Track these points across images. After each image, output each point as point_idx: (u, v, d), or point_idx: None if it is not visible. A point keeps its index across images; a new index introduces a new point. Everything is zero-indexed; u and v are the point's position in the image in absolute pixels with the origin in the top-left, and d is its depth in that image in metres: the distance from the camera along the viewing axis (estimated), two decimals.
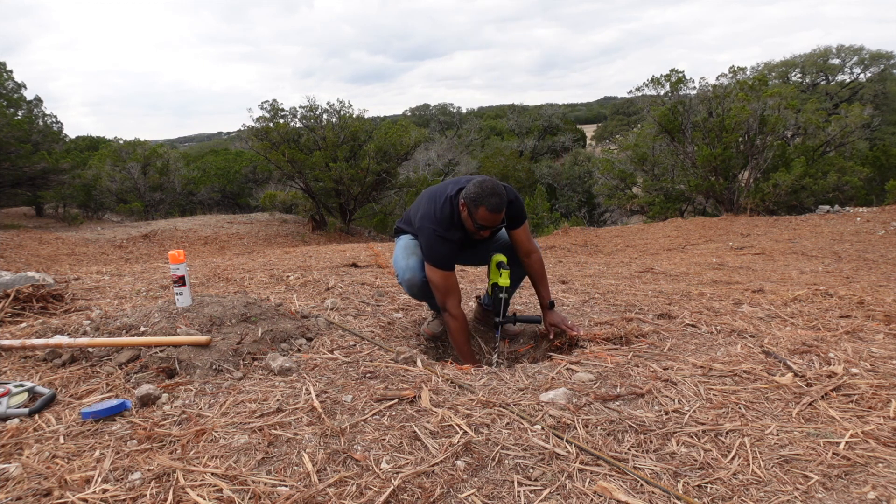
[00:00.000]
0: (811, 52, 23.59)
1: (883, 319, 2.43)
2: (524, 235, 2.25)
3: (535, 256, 2.26)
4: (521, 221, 2.23)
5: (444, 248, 2.11)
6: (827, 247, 6.62)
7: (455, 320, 2.15)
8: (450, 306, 2.15)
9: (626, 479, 1.21)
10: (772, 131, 11.92)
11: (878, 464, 1.24)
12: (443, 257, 2.12)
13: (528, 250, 2.25)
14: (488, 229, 2.08)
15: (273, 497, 1.15)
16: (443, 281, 2.13)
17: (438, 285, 2.13)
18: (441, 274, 2.12)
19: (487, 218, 2.02)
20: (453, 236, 2.12)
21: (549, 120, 31.42)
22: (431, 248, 2.12)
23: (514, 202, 2.17)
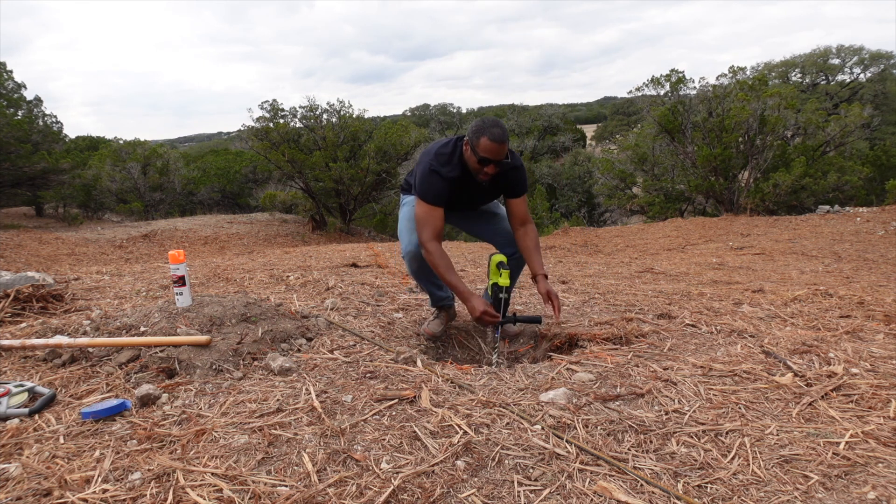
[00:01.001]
0: (811, 52, 23.60)
1: (883, 319, 2.43)
2: (522, 207, 2.22)
3: (530, 227, 2.23)
4: (521, 191, 2.21)
5: (436, 182, 2.04)
6: (827, 247, 6.62)
7: (430, 255, 2.06)
8: (424, 238, 2.06)
9: (626, 479, 1.21)
10: (772, 131, 11.92)
11: (878, 464, 1.24)
12: (432, 190, 2.05)
13: (523, 220, 2.22)
14: (491, 164, 1.99)
15: (273, 497, 1.15)
16: (426, 213, 2.06)
17: (420, 217, 2.07)
18: (426, 207, 2.06)
19: (489, 148, 1.96)
20: (449, 173, 2.05)
21: (549, 120, 31.42)
22: (423, 181, 2.06)
23: (519, 170, 2.16)
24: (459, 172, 2.08)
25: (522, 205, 2.23)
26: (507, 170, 2.14)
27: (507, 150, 2.05)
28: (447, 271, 2.05)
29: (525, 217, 2.23)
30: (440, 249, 2.07)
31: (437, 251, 2.06)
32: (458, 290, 2.04)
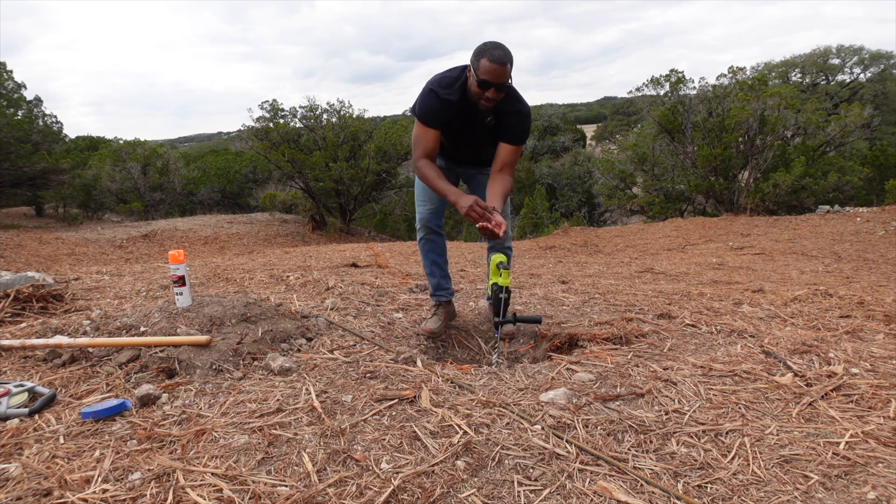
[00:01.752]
0: (811, 52, 23.60)
1: (883, 319, 2.43)
2: (511, 155, 2.13)
3: (507, 178, 2.13)
4: (518, 139, 2.13)
5: (432, 102, 2.04)
6: (827, 247, 6.62)
7: (420, 170, 2.11)
8: (416, 156, 2.12)
9: (626, 479, 1.21)
10: (772, 131, 11.92)
11: (878, 464, 1.24)
12: (427, 110, 2.06)
13: (503, 166, 2.13)
14: (491, 87, 1.93)
15: (273, 497, 1.15)
16: (419, 133, 2.09)
17: (414, 138, 2.12)
18: (420, 128, 2.09)
19: (489, 69, 1.90)
20: (447, 95, 2.04)
21: (549, 120, 31.42)
22: (420, 101, 2.08)
23: (523, 116, 2.10)
24: (458, 97, 2.05)
25: (513, 154, 2.14)
26: (513, 111, 2.09)
27: (514, 89, 2.05)
28: (437, 180, 2.04)
29: (507, 165, 2.14)
30: (430, 164, 2.09)
31: (427, 165, 2.09)
32: (448, 194, 2.01)
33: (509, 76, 1.97)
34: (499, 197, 2.07)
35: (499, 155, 2.14)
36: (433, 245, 2.44)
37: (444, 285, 2.51)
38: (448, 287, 2.53)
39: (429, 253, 2.46)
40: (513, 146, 2.13)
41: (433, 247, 2.44)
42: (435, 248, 2.46)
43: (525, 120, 2.12)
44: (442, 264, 2.50)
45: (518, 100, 2.10)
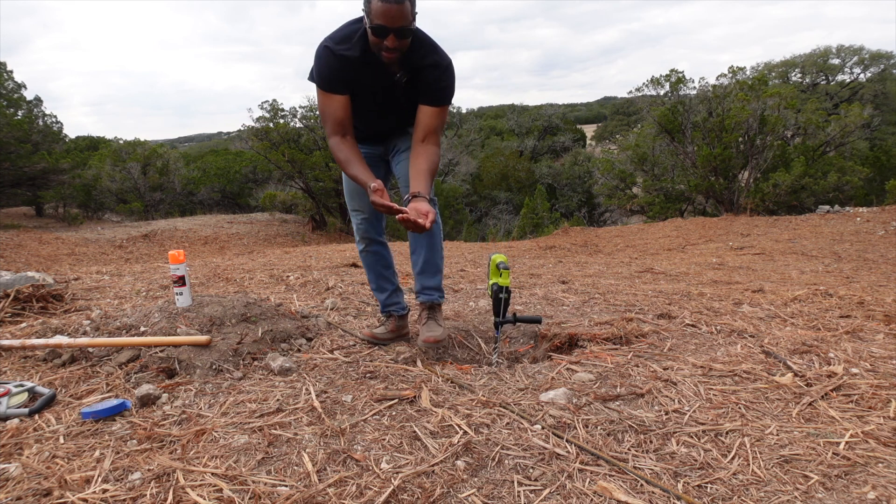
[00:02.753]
0: (811, 52, 23.62)
1: (883, 319, 2.43)
2: (433, 120, 1.80)
3: (432, 148, 1.81)
4: (439, 100, 1.80)
5: (330, 61, 1.73)
6: (827, 247, 6.62)
7: (332, 152, 1.81)
8: (327, 133, 1.82)
9: (626, 479, 1.21)
10: (772, 131, 11.93)
11: (878, 464, 1.24)
12: (326, 72, 1.74)
13: (426, 135, 1.81)
14: (389, 34, 1.63)
15: (273, 497, 1.15)
16: (325, 103, 1.78)
17: (321, 111, 1.82)
18: (324, 96, 1.77)
19: (382, 11, 1.60)
20: (346, 51, 1.72)
21: (549, 120, 31.43)
22: (317, 63, 1.76)
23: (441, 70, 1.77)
24: (360, 52, 1.73)
25: (434, 117, 1.80)
26: (428, 64, 1.76)
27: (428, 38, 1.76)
28: (348, 164, 1.74)
29: (431, 132, 1.80)
30: (344, 142, 1.78)
31: (340, 145, 1.78)
32: (360, 181, 1.72)
33: (411, 18, 1.66)
34: (424, 175, 1.74)
35: (419, 121, 1.82)
36: (377, 258, 2.13)
37: (396, 299, 2.21)
38: (400, 301, 2.22)
39: (373, 266, 2.15)
40: (434, 108, 1.80)
41: (377, 259, 2.13)
42: (379, 261, 2.14)
43: (444, 74, 1.77)
44: (390, 276, 2.19)
45: (434, 50, 1.78)
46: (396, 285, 2.22)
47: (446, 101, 1.84)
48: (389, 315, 2.20)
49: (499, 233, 15.32)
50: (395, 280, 2.22)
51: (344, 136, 1.80)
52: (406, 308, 2.24)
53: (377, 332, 2.16)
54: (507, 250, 8.12)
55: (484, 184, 22.72)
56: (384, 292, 2.19)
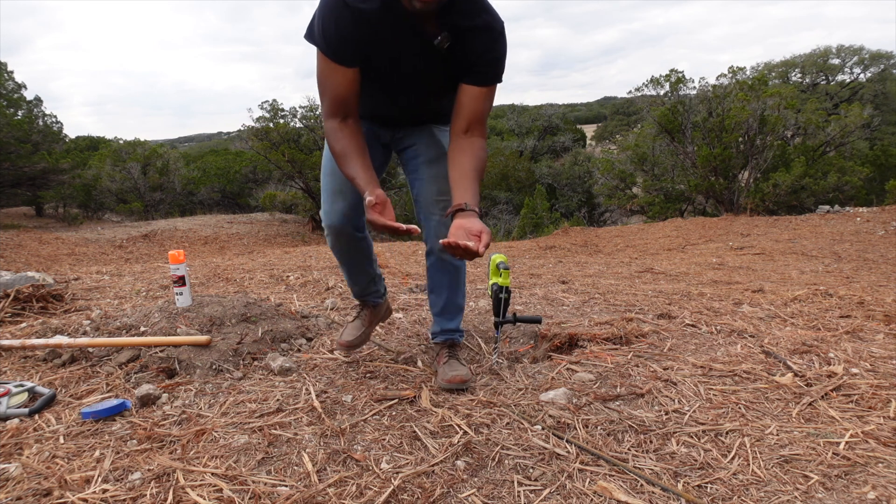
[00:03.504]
0: (811, 52, 23.62)
1: (883, 319, 2.43)
2: (480, 104, 1.39)
3: (478, 142, 1.42)
4: (488, 76, 1.38)
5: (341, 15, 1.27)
6: (827, 247, 6.62)
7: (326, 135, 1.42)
8: (323, 112, 1.40)
9: (626, 479, 1.21)
10: (772, 131, 11.93)
11: (878, 464, 1.24)
12: (335, 32, 1.29)
13: (470, 125, 1.40)
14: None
15: (273, 497, 1.15)
16: (327, 74, 1.34)
17: (319, 82, 1.37)
18: (327, 64, 1.33)
19: None
20: (361, 3, 1.27)
21: (549, 120, 31.42)
22: (322, 18, 1.29)
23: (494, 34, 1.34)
24: (381, 4, 1.28)
25: (482, 101, 1.39)
26: (479, 27, 1.32)
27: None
28: (345, 159, 1.36)
29: (477, 121, 1.40)
30: (343, 127, 1.38)
31: (336, 131, 1.38)
32: (356, 184, 1.36)
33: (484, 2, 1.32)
34: (470, 180, 1.36)
35: (461, 106, 1.40)
36: (355, 247, 1.67)
37: (375, 287, 1.88)
38: (378, 288, 1.88)
39: (353, 255, 1.71)
40: (483, 88, 1.38)
41: (356, 248, 1.68)
42: (360, 250, 1.70)
43: (497, 42, 1.35)
44: (368, 268, 1.79)
45: (486, 9, 1.34)
46: (375, 273, 1.85)
47: (498, 79, 1.40)
48: (365, 304, 1.86)
49: (499, 233, 15.32)
50: (373, 268, 1.83)
51: (345, 119, 1.38)
52: (383, 294, 1.91)
53: (348, 337, 1.79)
54: (507, 250, 8.13)
55: (484, 184, 22.71)
56: (360, 283, 1.80)
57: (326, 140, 1.43)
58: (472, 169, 1.38)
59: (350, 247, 1.67)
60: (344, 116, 1.39)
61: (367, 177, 1.34)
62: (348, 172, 1.38)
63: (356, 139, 1.39)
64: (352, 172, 1.36)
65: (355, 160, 1.36)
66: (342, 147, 1.38)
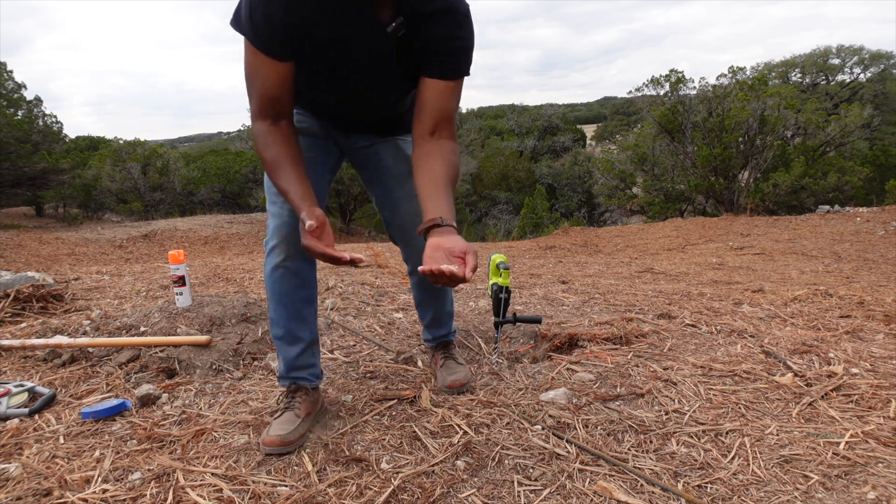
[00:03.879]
0: (811, 52, 23.64)
1: (883, 319, 2.43)
2: (447, 102, 1.19)
3: (449, 145, 1.20)
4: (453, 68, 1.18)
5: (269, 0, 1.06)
6: (827, 247, 6.62)
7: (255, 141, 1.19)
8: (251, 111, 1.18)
9: (626, 479, 1.21)
10: (772, 131, 11.93)
11: (878, 464, 1.24)
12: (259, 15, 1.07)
13: (438, 125, 1.19)
14: None
15: (273, 497, 1.15)
16: (256, 66, 1.12)
17: (245, 71, 1.15)
18: (254, 55, 1.12)
19: None
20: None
21: (549, 120, 31.43)
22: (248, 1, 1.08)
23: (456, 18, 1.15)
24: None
25: (448, 97, 1.19)
26: (438, 10, 1.13)
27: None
28: (277, 169, 1.15)
29: (443, 120, 1.20)
30: (272, 132, 1.17)
31: (265, 134, 1.17)
32: (290, 200, 1.14)
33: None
34: (443, 189, 1.14)
35: (424, 104, 1.19)
36: (297, 283, 1.35)
37: (311, 360, 1.44)
38: (316, 363, 1.46)
39: (288, 295, 1.35)
40: (447, 81, 1.18)
41: (296, 285, 1.35)
42: (299, 289, 1.36)
43: (462, 27, 1.16)
44: (309, 318, 1.41)
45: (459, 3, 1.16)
46: (315, 335, 1.44)
47: (465, 70, 1.19)
48: (298, 388, 1.41)
49: (499, 233, 15.33)
50: (314, 325, 1.43)
51: (276, 121, 1.17)
52: (321, 375, 1.49)
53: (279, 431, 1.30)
54: (507, 250, 8.13)
55: (484, 184, 22.73)
56: (295, 344, 1.39)
57: (255, 146, 1.20)
58: (443, 176, 1.17)
59: (294, 268, 1.33)
60: (275, 118, 1.18)
61: (302, 191, 1.13)
62: (280, 185, 1.15)
63: (289, 146, 1.18)
64: (284, 185, 1.14)
65: (288, 171, 1.15)
66: (273, 155, 1.16)
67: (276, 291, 1.36)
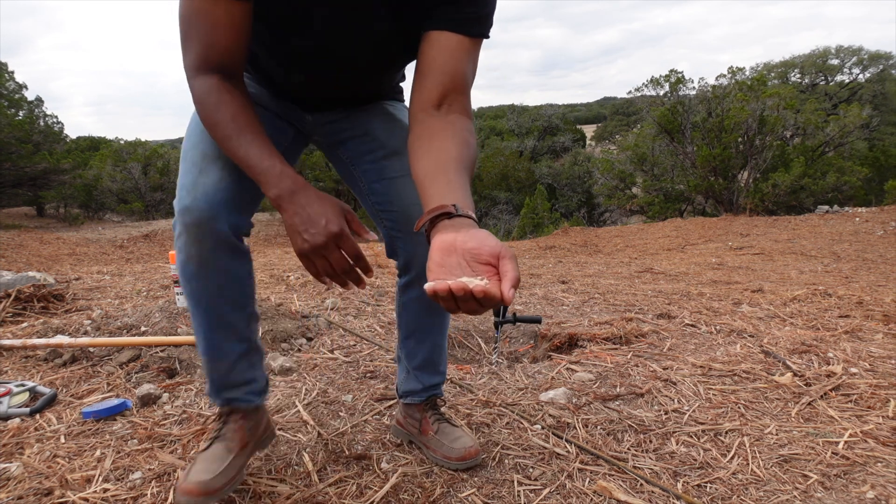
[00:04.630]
0: (810, 53, 23.65)
1: (882, 319, 2.44)
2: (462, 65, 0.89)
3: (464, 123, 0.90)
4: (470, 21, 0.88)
5: None
6: (826, 247, 6.62)
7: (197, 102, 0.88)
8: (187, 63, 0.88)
9: (625, 479, 1.21)
10: (771, 131, 11.95)
11: (876, 463, 1.25)
12: None
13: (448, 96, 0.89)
14: None
15: (273, 496, 1.15)
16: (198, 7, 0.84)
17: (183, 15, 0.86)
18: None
19: None
20: None
21: (549, 120, 31.43)
22: None
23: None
24: None
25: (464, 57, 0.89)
26: None
27: None
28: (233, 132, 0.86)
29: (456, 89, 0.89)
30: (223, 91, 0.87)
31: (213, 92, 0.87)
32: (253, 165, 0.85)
33: None
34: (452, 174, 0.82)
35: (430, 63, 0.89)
36: (225, 279, 0.97)
37: (250, 374, 1.09)
38: (257, 377, 1.11)
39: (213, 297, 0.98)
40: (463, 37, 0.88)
41: (224, 283, 0.98)
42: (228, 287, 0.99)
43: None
44: (237, 323, 1.03)
45: None
46: (251, 344, 1.08)
47: (485, 28, 0.89)
48: (232, 409, 1.09)
49: (499, 233, 15.33)
50: (247, 332, 1.06)
51: (230, 76, 0.88)
52: (265, 389, 1.14)
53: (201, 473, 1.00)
54: None
55: (484, 184, 22.74)
56: (222, 359, 1.04)
57: (199, 107, 0.87)
58: (456, 158, 0.83)
59: (218, 263, 0.93)
60: (224, 74, 0.86)
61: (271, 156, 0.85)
62: (240, 153, 0.84)
63: (248, 107, 0.87)
64: (250, 154, 0.83)
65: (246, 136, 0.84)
66: (229, 115, 0.85)
67: (192, 292, 0.97)
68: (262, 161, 0.84)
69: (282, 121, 1.08)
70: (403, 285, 1.20)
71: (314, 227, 0.83)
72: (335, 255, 0.85)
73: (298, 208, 0.84)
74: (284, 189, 0.85)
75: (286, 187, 0.85)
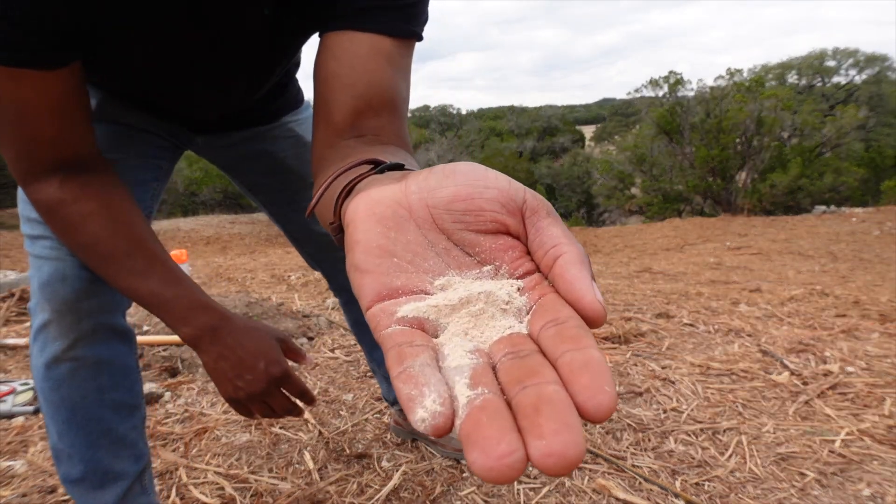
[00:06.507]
0: (807, 55, 23.71)
1: (878, 318, 2.46)
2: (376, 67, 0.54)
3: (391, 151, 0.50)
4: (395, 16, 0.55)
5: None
6: (823, 247, 6.65)
7: (54, 215, 0.59)
8: (24, 173, 0.58)
9: (624, 477, 1.22)
10: (768, 132, 11.99)
11: (873, 461, 1.26)
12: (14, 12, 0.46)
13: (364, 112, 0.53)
14: None
15: (274, 495, 1.16)
16: (11, 92, 0.51)
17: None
18: (4, 76, 0.49)
19: None
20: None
21: (549, 121, 31.48)
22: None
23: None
24: None
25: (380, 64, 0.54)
26: None
27: None
28: (105, 252, 0.60)
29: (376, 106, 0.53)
30: (72, 198, 0.58)
31: (56, 203, 0.58)
32: (153, 302, 0.62)
33: None
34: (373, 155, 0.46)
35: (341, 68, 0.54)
36: (99, 378, 0.70)
37: None
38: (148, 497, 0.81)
39: (92, 399, 0.70)
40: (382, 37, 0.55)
41: (100, 382, 0.70)
42: (112, 383, 0.71)
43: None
44: (129, 434, 0.76)
45: None
46: (146, 461, 0.82)
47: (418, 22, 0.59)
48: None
49: None
50: (141, 444, 0.81)
51: (78, 168, 0.59)
52: None
53: None
54: None
55: None
56: (110, 485, 0.74)
57: (52, 227, 0.62)
58: None
59: (90, 356, 0.70)
60: (77, 164, 0.60)
61: (181, 282, 0.64)
62: (127, 282, 0.61)
63: (123, 210, 0.62)
64: (135, 282, 0.61)
65: (139, 255, 0.62)
66: (97, 233, 0.60)
67: (62, 402, 0.70)
68: (164, 289, 0.61)
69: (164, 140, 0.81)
70: (345, 303, 1.09)
71: (250, 372, 0.65)
72: (278, 399, 0.69)
73: (225, 350, 0.64)
74: (201, 326, 0.63)
75: (203, 324, 0.63)
